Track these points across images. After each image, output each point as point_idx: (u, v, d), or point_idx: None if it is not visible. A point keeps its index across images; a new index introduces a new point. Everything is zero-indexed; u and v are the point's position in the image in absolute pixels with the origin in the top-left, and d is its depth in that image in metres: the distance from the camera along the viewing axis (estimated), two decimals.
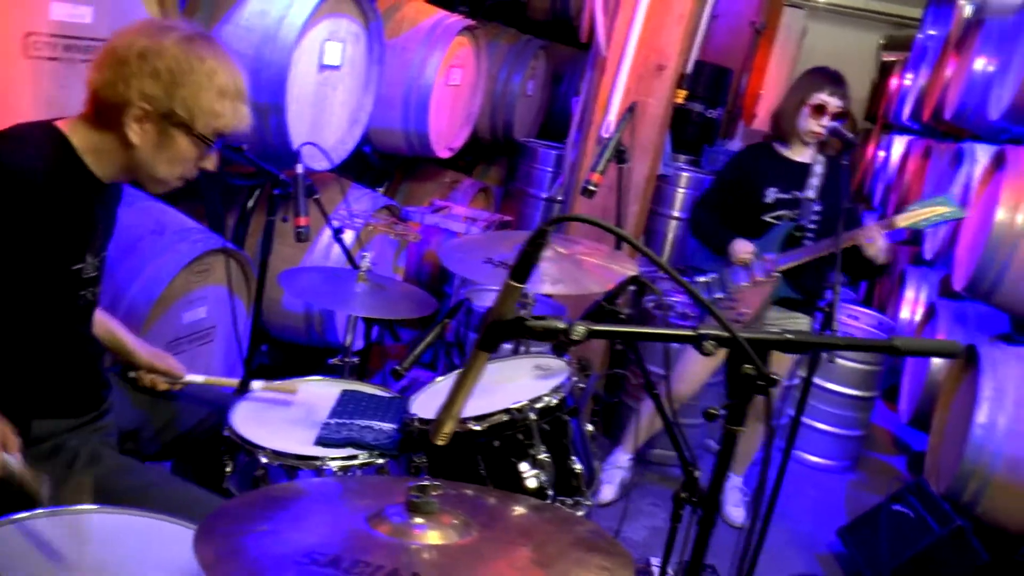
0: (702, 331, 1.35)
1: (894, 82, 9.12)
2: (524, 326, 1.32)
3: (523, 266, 1.29)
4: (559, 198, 3.59)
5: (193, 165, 1.96)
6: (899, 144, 7.98)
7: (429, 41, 4.39)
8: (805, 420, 4.73)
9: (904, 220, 3.35)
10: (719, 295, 3.53)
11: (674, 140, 5.74)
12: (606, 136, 3.86)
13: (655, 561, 3.08)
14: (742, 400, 1.40)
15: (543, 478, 2.14)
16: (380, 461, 2.22)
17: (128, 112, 1.82)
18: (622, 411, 4.44)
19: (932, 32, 7.57)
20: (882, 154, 8.72)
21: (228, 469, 2.25)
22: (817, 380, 4.71)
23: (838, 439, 4.79)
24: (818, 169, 3.51)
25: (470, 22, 4.68)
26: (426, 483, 1.36)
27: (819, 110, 3.42)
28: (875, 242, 3.29)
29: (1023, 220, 3.84)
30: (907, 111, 7.74)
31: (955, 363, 4.16)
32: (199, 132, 1.88)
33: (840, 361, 4.70)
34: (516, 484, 2.14)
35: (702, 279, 3.59)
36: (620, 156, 3.49)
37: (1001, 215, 3.89)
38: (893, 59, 9.87)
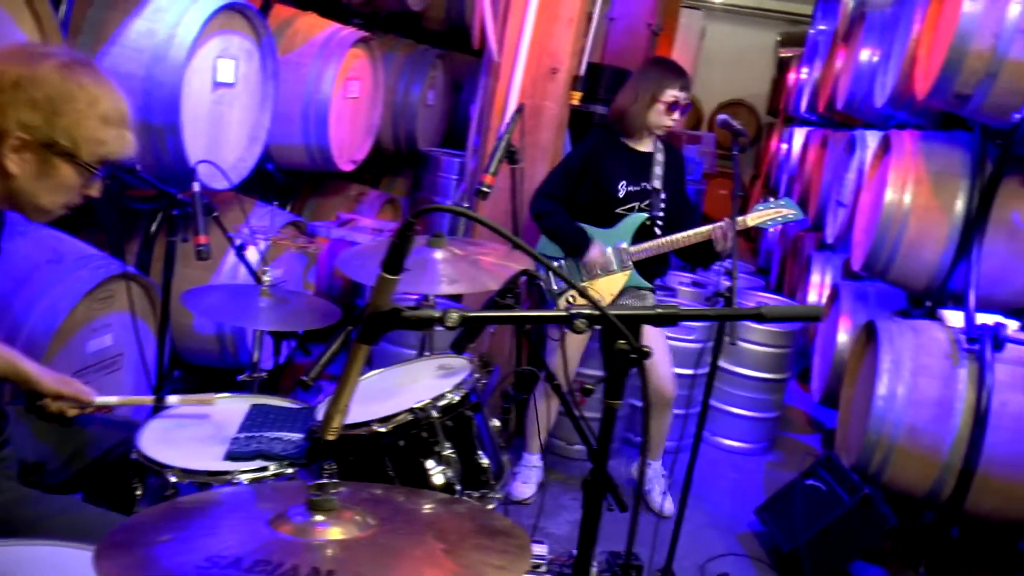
0: (573, 311, 1.40)
1: (792, 77, 9.44)
2: (401, 316, 1.36)
3: (394, 258, 1.33)
4: (465, 204, 3.64)
5: (77, 193, 1.92)
6: (799, 136, 8.26)
7: (323, 54, 4.40)
8: (721, 406, 4.88)
9: (753, 220, 3.58)
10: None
11: (576, 142, 5.84)
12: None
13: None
14: (618, 375, 1.46)
15: (449, 474, 2.18)
16: (290, 471, 2.23)
17: (5, 142, 1.78)
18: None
19: (822, 27, 7.87)
20: (784, 146, 9.01)
21: (138, 492, 2.22)
22: (730, 366, 4.85)
23: (754, 422, 4.93)
24: (660, 158, 3.66)
25: (364, 34, 4.70)
26: (325, 481, 1.38)
27: (672, 106, 3.55)
28: (728, 239, 3.45)
29: (910, 200, 4.03)
30: (804, 104, 8.02)
31: (858, 340, 4.33)
32: (83, 161, 1.84)
33: (750, 346, 4.85)
34: (424, 481, 2.17)
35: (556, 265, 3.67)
36: (512, 157, 3.55)
37: (890, 196, 4.07)
38: (790, 55, 10.22)
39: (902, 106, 4.80)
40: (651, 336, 3.75)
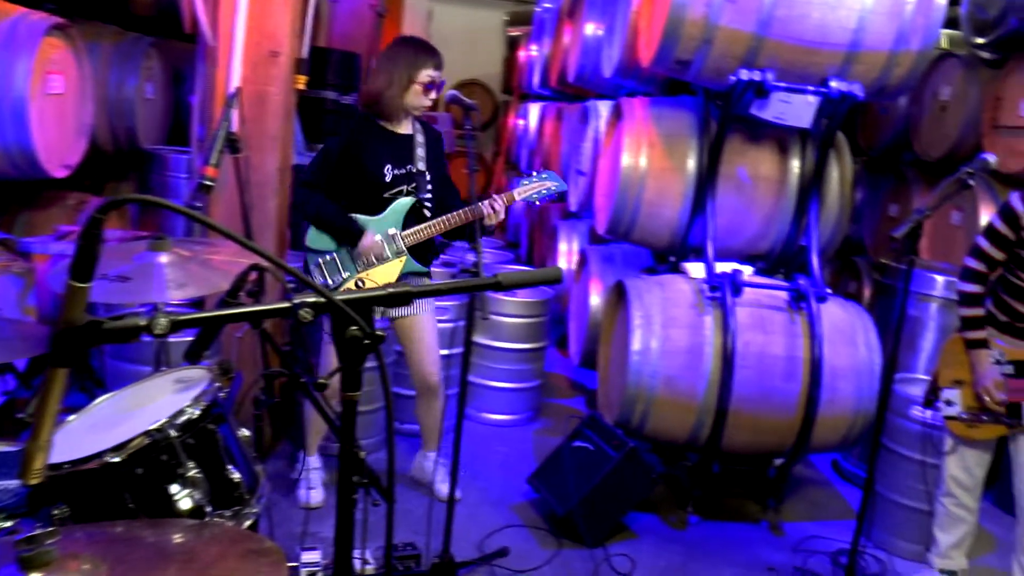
0: (296, 300, 1.28)
1: (522, 55, 9.68)
2: (99, 330, 1.15)
3: (82, 263, 1.13)
4: (198, 204, 3.32)
5: None
6: (535, 111, 8.49)
7: (12, 44, 3.86)
8: (483, 381, 4.88)
9: (520, 193, 3.59)
10: (346, 275, 3.48)
11: (311, 129, 5.62)
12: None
13: (355, 553, 2.99)
14: (354, 364, 1.35)
15: (197, 496, 1.96)
16: (7, 524, 1.91)
17: None
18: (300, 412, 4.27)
19: (548, 5, 8.11)
20: (521, 122, 9.23)
21: None
22: (488, 341, 4.86)
23: (518, 393, 4.98)
24: (420, 139, 3.60)
25: (59, 20, 4.18)
26: (38, 532, 1.22)
27: (428, 85, 3.48)
28: (497, 214, 3.47)
29: (645, 163, 4.20)
30: (537, 79, 8.24)
31: (609, 301, 4.49)
32: None
33: (505, 319, 4.88)
34: (169, 509, 1.93)
35: (322, 260, 3.50)
36: (233, 146, 3.30)
37: (626, 160, 4.23)
38: (518, 33, 10.48)
39: (630, 75, 5.01)
40: (421, 324, 3.67)
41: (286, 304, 1.29)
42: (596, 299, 5.17)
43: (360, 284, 3.47)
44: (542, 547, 3.62)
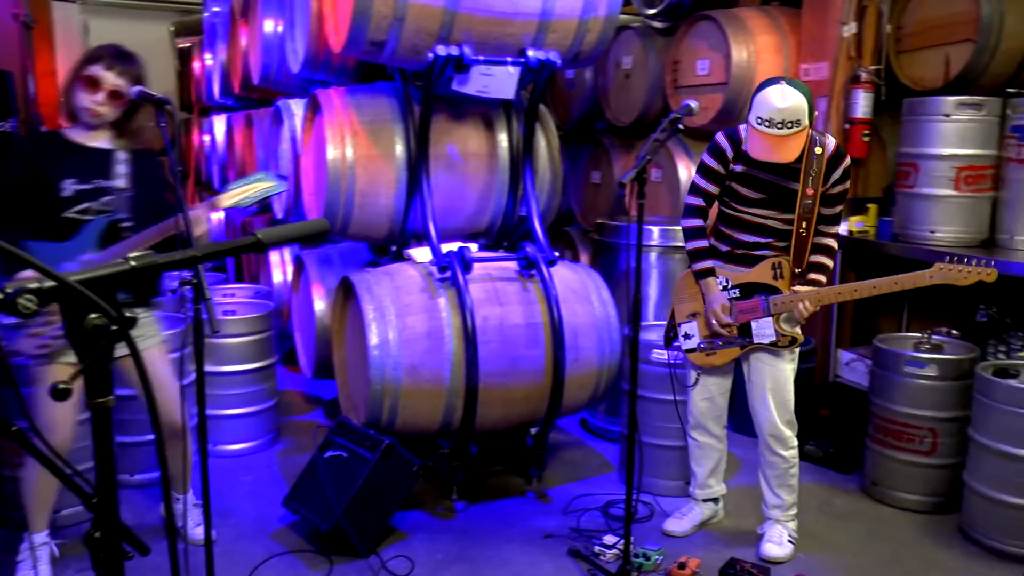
0: (11, 288, 0.99)
1: (196, 66, 9.09)
2: None
3: None
4: None
5: None
6: (220, 123, 7.99)
7: None
8: (215, 412, 4.46)
9: (228, 199, 3.22)
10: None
11: None
12: None
13: None
14: (101, 359, 1.08)
15: None
16: None
17: None
18: (7, 485, 3.64)
19: (217, 9, 7.64)
20: (207, 138, 8.66)
21: None
22: (214, 368, 4.45)
23: (255, 417, 4.62)
24: (123, 156, 3.21)
25: None
26: None
27: (93, 84, 3.07)
28: (203, 224, 3.19)
29: (352, 153, 4.02)
30: (217, 89, 7.75)
31: (337, 302, 4.27)
32: None
33: (230, 340, 4.51)
34: None
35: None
36: None
37: (332, 152, 4.02)
38: (189, 44, 9.84)
39: (320, 67, 4.80)
40: (152, 360, 3.27)
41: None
42: (320, 304, 4.92)
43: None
44: (312, 570, 3.35)
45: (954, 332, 4.06)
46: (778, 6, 5.28)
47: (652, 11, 5.53)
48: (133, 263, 1.12)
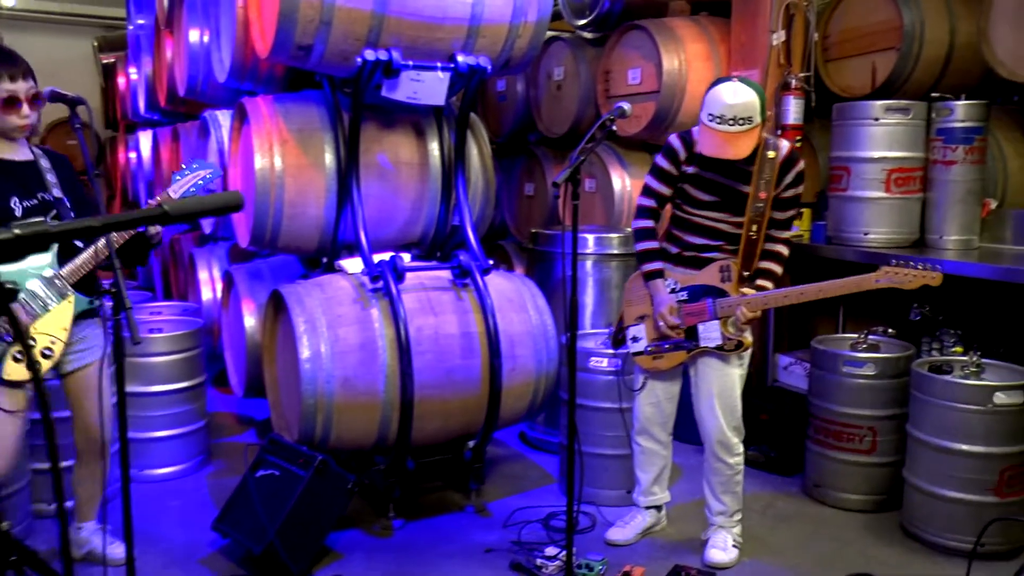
0: None
1: (122, 81, 8.84)
2: None
3: None
4: None
5: None
6: (146, 139, 7.77)
7: None
8: (141, 435, 4.28)
9: (177, 191, 3.19)
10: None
11: None
12: None
13: None
14: None
15: None
16: None
17: None
18: None
19: (141, 21, 7.45)
20: (133, 155, 8.41)
21: None
22: (140, 388, 4.27)
23: (184, 439, 4.43)
24: (45, 164, 3.07)
25: None
26: None
27: (11, 101, 2.92)
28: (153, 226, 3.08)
29: (281, 162, 3.90)
30: (143, 104, 7.53)
31: (267, 316, 4.13)
32: None
33: (157, 359, 4.33)
34: None
35: None
36: None
37: (260, 162, 3.90)
38: (113, 59, 9.58)
39: (247, 76, 4.67)
40: (94, 375, 3.12)
41: None
42: (251, 320, 4.76)
43: (26, 350, 2.82)
44: None
45: (890, 331, 4.09)
46: (707, 16, 5.32)
47: (582, 22, 5.53)
48: (17, 231, 1.02)
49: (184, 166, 3.30)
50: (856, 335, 4.05)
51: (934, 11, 4.64)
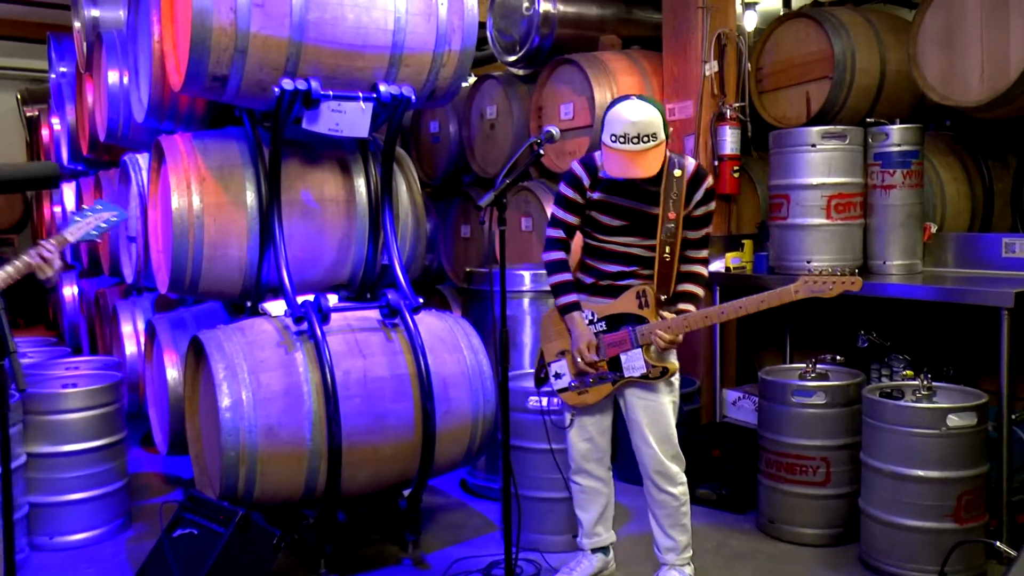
0: None
1: (45, 133, 8.57)
2: None
3: None
4: None
5: None
6: (70, 191, 7.49)
7: None
8: (53, 499, 3.97)
9: (73, 233, 3.01)
10: None
11: None
12: None
13: None
14: None
15: None
16: None
17: None
18: None
19: (63, 69, 7.21)
20: (58, 209, 8.11)
21: None
22: (51, 448, 3.98)
23: (101, 501, 4.10)
24: None
25: None
26: None
27: None
28: (50, 263, 2.90)
29: (199, 201, 3.69)
30: (66, 155, 7.25)
31: (188, 365, 3.88)
32: None
33: (70, 416, 4.04)
34: None
35: None
36: None
37: (177, 201, 3.69)
38: (37, 112, 9.31)
39: (167, 115, 4.48)
40: None
41: None
42: (173, 372, 4.49)
43: None
44: None
45: (839, 359, 3.98)
46: (639, 49, 5.28)
47: (512, 58, 5.45)
48: None
49: (86, 207, 3.11)
50: (804, 364, 3.94)
51: (864, 40, 4.65)
